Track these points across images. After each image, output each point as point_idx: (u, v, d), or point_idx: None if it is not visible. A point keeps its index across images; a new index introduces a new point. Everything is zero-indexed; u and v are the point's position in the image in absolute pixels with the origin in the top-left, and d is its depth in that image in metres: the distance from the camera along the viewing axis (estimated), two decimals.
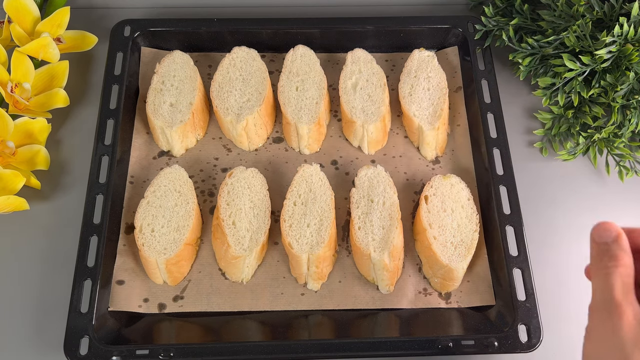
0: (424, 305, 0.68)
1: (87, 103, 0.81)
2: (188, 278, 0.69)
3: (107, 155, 0.72)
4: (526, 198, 0.74)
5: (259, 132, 0.76)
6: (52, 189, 0.75)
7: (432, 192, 0.71)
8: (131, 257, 0.69)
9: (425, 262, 0.70)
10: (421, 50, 0.81)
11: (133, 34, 0.81)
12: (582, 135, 0.76)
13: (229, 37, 0.82)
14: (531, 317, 0.64)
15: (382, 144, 0.78)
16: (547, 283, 0.70)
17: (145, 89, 0.79)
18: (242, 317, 0.67)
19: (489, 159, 0.73)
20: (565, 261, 0.72)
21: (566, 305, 0.69)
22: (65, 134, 0.79)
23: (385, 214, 0.68)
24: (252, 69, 0.78)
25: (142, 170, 0.75)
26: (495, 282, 0.69)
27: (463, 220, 0.69)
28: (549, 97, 0.77)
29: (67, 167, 0.76)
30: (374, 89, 0.77)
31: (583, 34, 0.72)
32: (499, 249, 0.68)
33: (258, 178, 0.72)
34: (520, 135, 0.80)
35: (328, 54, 0.84)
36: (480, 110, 0.76)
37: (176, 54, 0.80)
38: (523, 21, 0.79)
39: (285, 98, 0.76)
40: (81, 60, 0.84)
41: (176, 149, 0.76)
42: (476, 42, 0.81)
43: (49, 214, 0.73)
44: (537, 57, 0.77)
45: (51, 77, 0.78)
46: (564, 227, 0.74)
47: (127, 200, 0.73)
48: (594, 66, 0.72)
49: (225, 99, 0.76)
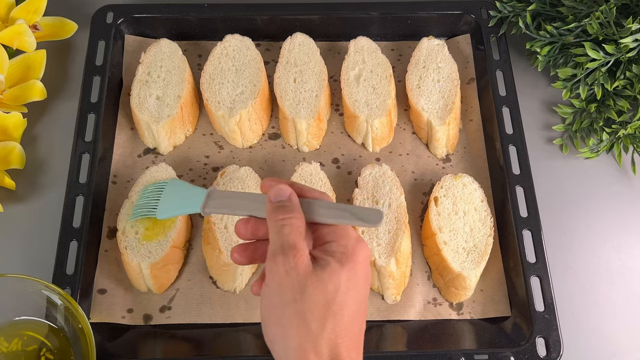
0: (434, 316, 0.68)
1: (66, 96, 0.81)
2: (176, 287, 0.69)
3: (87, 153, 0.72)
4: (545, 200, 0.74)
5: (253, 128, 0.76)
6: (27, 189, 0.75)
7: (443, 193, 0.71)
8: (114, 263, 0.69)
9: (435, 270, 0.70)
10: (430, 39, 0.81)
11: (116, 21, 0.80)
12: (605, 131, 0.76)
13: (221, 24, 0.82)
14: (550, 330, 0.64)
15: (387, 141, 0.78)
16: (567, 292, 0.70)
17: (129, 80, 0.79)
18: (235, 329, 0.67)
19: (505, 157, 0.73)
20: (587, 268, 0.72)
21: (588, 316, 0.69)
22: (42, 130, 0.79)
23: (391, 217, 0.68)
24: (245, 59, 0.78)
25: (125, 169, 0.75)
26: (511, 291, 0.69)
27: (476, 224, 0.69)
28: (569, 90, 0.77)
29: (44, 165, 0.76)
30: (379, 80, 0.77)
31: (607, 20, 0.72)
32: (515, 255, 0.68)
33: (252, 178, 0.72)
34: (538, 131, 0.80)
35: (329, 43, 0.84)
36: (495, 104, 0.76)
37: (163, 42, 0.80)
38: (541, 7, 0.79)
39: (282, 90, 0.76)
40: (59, 49, 0.84)
41: (163, 146, 0.76)
42: (490, 30, 0.81)
43: (24, 217, 0.73)
44: (556, 46, 0.77)
45: (27, 67, 0.78)
46: (585, 231, 0.74)
47: (109, 202, 0.73)
48: (619, 56, 0.72)
49: (217, 91, 0.76)
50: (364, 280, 0.48)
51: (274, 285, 0.46)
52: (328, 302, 0.45)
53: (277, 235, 0.47)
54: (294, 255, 0.46)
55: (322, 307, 0.45)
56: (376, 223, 0.49)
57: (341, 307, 0.45)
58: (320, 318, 0.44)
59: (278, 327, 0.46)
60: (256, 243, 0.53)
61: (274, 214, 0.48)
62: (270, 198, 0.49)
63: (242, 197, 0.55)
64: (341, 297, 0.45)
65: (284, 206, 0.49)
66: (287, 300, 0.45)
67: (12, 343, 0.61)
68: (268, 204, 0.49)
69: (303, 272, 0.45)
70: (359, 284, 0.47)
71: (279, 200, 0.49)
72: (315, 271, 0.46)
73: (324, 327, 0.44)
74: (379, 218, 0.49)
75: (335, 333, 0.45)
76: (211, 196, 0.54)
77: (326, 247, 0.48)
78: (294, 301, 0.45)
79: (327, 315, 0.45)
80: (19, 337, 0.61)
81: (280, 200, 0.49)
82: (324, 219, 0.50)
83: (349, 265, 0.46)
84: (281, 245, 0.47)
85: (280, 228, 0.47)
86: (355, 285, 0.46)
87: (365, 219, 0.49)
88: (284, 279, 0.45)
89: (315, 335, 0.44)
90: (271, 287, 0.46)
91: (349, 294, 0.46)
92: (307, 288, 0.45)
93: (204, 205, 0.54)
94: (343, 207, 0.50)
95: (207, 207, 0.54)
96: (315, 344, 0.44)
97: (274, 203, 0.49)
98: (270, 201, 0.49)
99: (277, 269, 0.46)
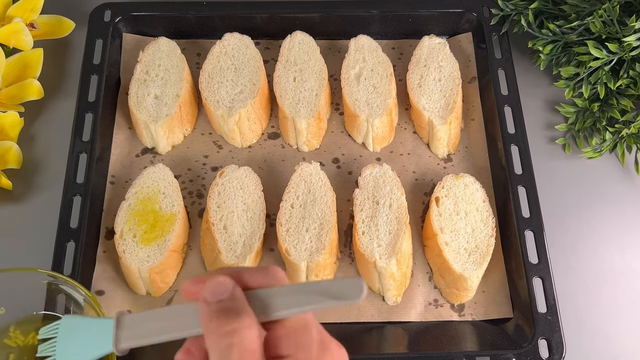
0: (435, 317, 0.68)
1: (63, 95, 0.81)
2: (174, 288, 0.69)
3: (85, 152, 0.72)
4: (547, 200, 0.73)
5: (252, 127, 0.76)
6: (24, 189, 0.75)
7: (444, 193, 0.71)
8: (112, 265, 0.69)
9: (436, 271, 0.70)
10: (431, 37, 0.81)
11: (114, 19, 0.80)
12: (608, 131, 0.76)
13: (220, 23, 0.82)
14: (553, 331, 0.64)
15: (388, 140, 0.78)
16: (570, 293, 0.70)
17: (127, 79, 0.79)
18: None
19: (507, 157, 0.73)
20: (590, 269, 0.72)
21: (591, 318, 0.69)
22: (39, 130, 0.78)
23: (392, 217, 0.68)
24: (245, 58, 0.78)
25: (123, 169, 0.75)
26: (514, 293, 0.69)
27: (478, 225, 0.69)
28: (572, 89, 0.77)
29: (41, 165, 0.76)
30: (380, 79, 0.77)
31: (610, 18, 0.71)
32: (518, 256, 0.68)
33: (252, 178, 0.72)
34: (540, 130, 0.80)
35: (329, 41, 0.84)
36: (497, 103, 0.76)
37: (161, 40, 0.80)
38: (544, 5, 0.79)
39: (281, 89, 0.76)
40: (57, 47, 0.84)
41: (161, 145, 0.76)
42: (492, 28, 0.81)
43: (21, 217, 0.73)
44: (559, 45, 0.77)
45: (24, 66, 0.78)
46: (588, 232, 0.74)
47: (107, 203, 0.73)
48: (622, 54, 0.72)
49: (216, 90, 0.75)
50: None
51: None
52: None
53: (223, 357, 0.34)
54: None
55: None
56: (356, 298, 0.37)
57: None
58: None
59: None
60: None
61: (213, 324, 0.35)
62: (205, 298, 0.36)
63: (162, 316, 0.41)
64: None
65: (227, 308, 0.35)
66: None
67: (29, 337, 0.61)
68: (204, 309, 0.36)
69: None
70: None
71: (219, 300, 0.36)
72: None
73: None
74: (359, 291, 0.37)
75: None
76: (121, 325, 0.42)
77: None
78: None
79: None
80: (35, 331, 0.61)
81: (219, 300, 0.36)
82: (284, 312, 0.37)
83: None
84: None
85: (226, 350, 0.34)
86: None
87: (341, 296, 0.37)
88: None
89: None
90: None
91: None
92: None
93: (116, 339, 0.42)
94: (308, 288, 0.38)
95: (121, 342, 0.42)
96: None
97: (211, 305, 0.36)
98: (207, 303, 0.36)
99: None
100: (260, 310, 0.37)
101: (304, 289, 0.38)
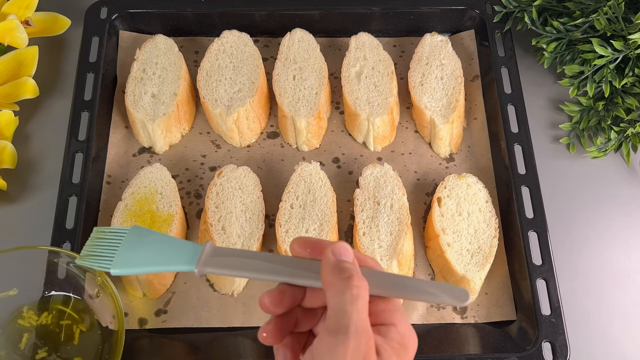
0: (437, 320, 0.68)
1: (58, 94, 0.81)
2: (172, 290, 0.69)
3: (81, 152, 0.72)
4: (551, 200, 0.73)
5: (251, 127, 0.76)
6: (19, 190, 0.74)
7: (446, 193, 0.71)
8: None
9: (439, 272, 0.69)
10: (433, 35, 0.81)
11: (110, 16, 0.80)
12: (613, 130, 0.76)
13: (218, 20, 0.82)
14: (557, 334, 0.64)
15: (389, 140, 0.78)
16: (574, 295, 0.70)
17: (124, 77, 0.79)
18: (233, 333, 0.67)
19: (510, 156, 0.73)
20: (595, 270, 0.72)
21: (596, 320, 0.69)
22: (34, 129, 0.78)
23: (393, 218, 0.68)
24: (243, 56, 0.78)
25: (120, 169, 0.75)
26: (517, 295, 0.68)
27: (480, 225, 0.69)
28: (576, 87, 0.77)
29: (36, 165, 0.76)
30: (381, 77, 0.77)
31: (615, 15, 0.71)
32: (521, 257, 0.68)
33: (250, 178, 0.72)
34: (544, 129, 0.80)
35: (329, 39, 0.84)
36: (500, 102, 0.76)
37: (159, 38, 0.79)
38: (548, 2, 0.79)
39: (281, 88, 0.76)
40: (52, 45, 0.84)
41: (159, 145, 0.76)
42: (495, 25, 0.81)
43: (16, 217, 0.73)
44: (563, 42, 0.77)
45: (19, 64, 0.78)
46: (593, 233, 0.74)
47: (103, 203, 0.73)
48: (627, 52, 0.71)
49: (214, 89, 0.75)
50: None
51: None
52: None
53: (345, 308, 0.39)
54: (366, 342, 0.38)
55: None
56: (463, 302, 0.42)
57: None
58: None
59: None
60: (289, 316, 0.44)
61: (340, 276, 0.40)
62: (332, 253, 0.41)
63: (253, 255, 0.46)
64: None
65: (349, 269, 0.41)
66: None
67: (42, 317, 0.63)
68: (330, 262, 0.41)
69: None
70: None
71: (344, 260, 0.41)
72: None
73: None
74: (466, 297, 0.42)
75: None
76: (214, 252, 0.45)
77: (383, 331, 0.41)
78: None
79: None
80: (48, 311, 0.63)
81: (344, 260, 0.41)
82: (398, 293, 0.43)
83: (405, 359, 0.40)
84: (349, 326, 0.38)
85: (353, 300, 0.39)
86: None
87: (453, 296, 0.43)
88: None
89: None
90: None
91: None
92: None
93: (202, 261, 0.45)
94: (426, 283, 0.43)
95: (206, 265, 0.45)
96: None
97: (339, 262, 0.41)
98: (334, 258, 0.41)
99: (338, 352, 0.37)
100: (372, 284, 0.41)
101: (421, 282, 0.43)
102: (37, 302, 0.63)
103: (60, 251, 0.63)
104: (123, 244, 0.50)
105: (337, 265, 0.41)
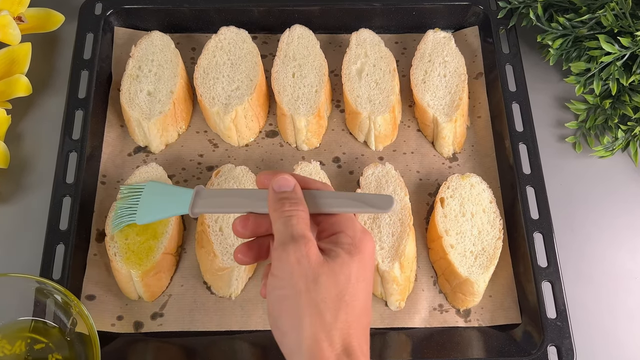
0: (440, 323, 0.68)
1: (52, 92, 0.80)
2: (168, 293, 0.69)
3: (75, 151, 0.72)
4: (557, 201, 0.73)
5: (249, 125, 0.76)
6: (12, 190, 0.74)
7: (449, 193, 0.70)
8: (103, 268, 0.69)
9: (441, 275, 0.69)
10: (436, 31, 0.81)
11: (105, 12, 0.80)
12: (621, 129, 0.76)
13: (216, 16, 0.82)
14: (563, 338, 0.64)
15: (391, 139, 0.77)
16: (580, 298, 0.69)
17: (119, 75, 0.79)
18: (230, 337, 0.67)
19: (515, 156, 0.73)
20: (601, 273, 0.72)
21: (602, 323, 0.69)
22: (27, 127, 0.78)
23: (395, 219, 0.68)
24: (241, 53, 0.78)
25: (115, 169, 0.75)
26: (522, 297, 0.68)
27: (484, 226, 0.69)
28: (583, 85, 0.77)
29: (29, 165, 0.76)
30: (382, 75, 0.77)
31: (622, 11, 0.71)
32: (526, 259, 0.68)
33: (249, 177, 0.71)
34: (550, 128, 0.80)
35: (329, 35, 0.84)
36: (504, 100, 0.76)
37: (155, 35, 0.79)
38: None
39: (280, 86, 0.76)
40: (45, 42, 0.84)
41: (155, 144, 0.75)
42: (499, 22, 0.81)
43: (8, 218, 0.73)
44: (569, 39, 0.77)
45: (11, 61, 0.78)
46: (599, 234, 0.74)
47: (98, 203, 0.72)
48: (635, 49, 0.71)
49: (211, 86, 0.75)
50: (370, 272, 0.50)
51: (284, 275, 0.47)
52: (341, 292, 0.46)
53: (284, 227, 0.48)
54: (305, 243, 0.47)
55: (335, 298, 0.46)
56: (387, 209, 0.51)
57: (353, 298, 0.47)
58: (333, 308, 0.46)
59: (290, 317, 0.47)
60: (258, 240, 0.54)
61: (278, 205, 0.49)
62: (273, 188, 0.51)
63: (234, 193, 0.56)
64: (352, 287, 0.47)
65: (289, 198, 0.50)
66: (300, 290, 0.46)
67: (15, 346, 0.62)
68: (271, 195, 0.50)
69: (315, 262, 0.47)
70: (367, 276, 0.49)
71: (283, 191, 0.50)
72: (327, 262, 0.47)
73: (337, 318, 0.46)
74: (389, 203, 0.51)
75: (348, 323, 0.46)
76: (200, 195, 0.54)
77: (333, 239, 0.49)
78: (307, 291, 0.46)
79: (339, 305, 0.46)
80: (22, 339, 0.62)
81: (284, 191, 0.50)
82: (331, 209, 0.51)
83: (358, 257, 0.48)
84: (291, 235, 0.48)
85: (287, 219, 0.48)
86: (364, 277, 0.48)
87: (376, 205, 0.51)
88: (295, 268, 0.46)
89: (329, 325, 0.45)
90: (281, 277, 0.47)
91: (359, 285, 0.47)
92: (320, 277, 0.46)
93: (193, 205, 0.54)
94: (351, 196, 0.51)
95: (196, 207, 0.54)
96: (328, 334, 0.45)
97: (278, 194, 0.50)
98: (274, 191, 0.50)
99: (288, 257, 0.47)
100: (312, 204, 0.51)
101: (348, 195, 0.52)
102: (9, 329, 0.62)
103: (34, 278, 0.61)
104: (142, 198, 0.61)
105: (276, 196, 0.50)
